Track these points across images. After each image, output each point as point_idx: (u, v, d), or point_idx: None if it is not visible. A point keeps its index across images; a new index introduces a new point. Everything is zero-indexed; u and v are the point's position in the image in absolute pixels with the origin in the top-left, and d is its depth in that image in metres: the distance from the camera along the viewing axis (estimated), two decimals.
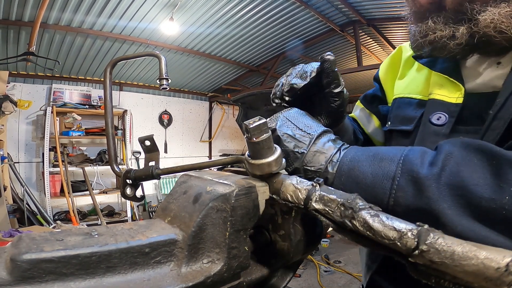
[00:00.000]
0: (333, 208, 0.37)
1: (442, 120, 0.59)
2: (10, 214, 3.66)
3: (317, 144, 0.47)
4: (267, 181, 0.44)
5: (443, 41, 0.55)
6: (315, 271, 3.82)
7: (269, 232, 0.48)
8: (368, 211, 0.34)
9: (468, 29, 0.53)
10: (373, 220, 0.33)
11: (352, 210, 0.35)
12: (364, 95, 0.91)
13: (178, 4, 3.70)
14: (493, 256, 0.27)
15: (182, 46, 4.85)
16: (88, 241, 0.33)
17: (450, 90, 0.61)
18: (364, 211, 0.35)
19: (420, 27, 0.59)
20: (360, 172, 0.42)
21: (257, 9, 4.12)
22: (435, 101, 0.62)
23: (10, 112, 3.84)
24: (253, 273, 0.45)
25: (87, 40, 4.23)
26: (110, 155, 0.61)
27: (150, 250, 0.35)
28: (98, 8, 3.63)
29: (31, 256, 0.28)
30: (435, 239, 0.29)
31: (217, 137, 7.21)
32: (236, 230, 0.38)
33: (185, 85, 6.38)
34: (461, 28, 0.54)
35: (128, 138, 5.38)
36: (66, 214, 4.72)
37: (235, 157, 0.48)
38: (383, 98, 0.83)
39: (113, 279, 0.32)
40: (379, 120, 0.85)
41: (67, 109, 4.79)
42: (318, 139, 0.47)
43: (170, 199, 0.45)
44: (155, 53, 0.61)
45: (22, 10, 3.40)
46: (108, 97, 0.61)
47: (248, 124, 0.40)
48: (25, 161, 4.78)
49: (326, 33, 5.02)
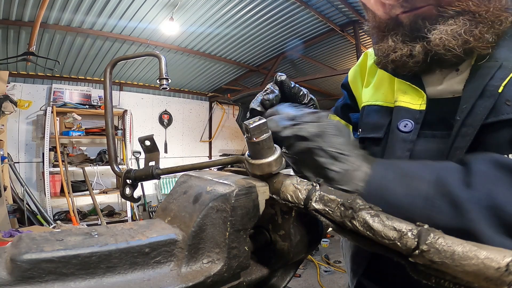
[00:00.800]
0: (333, 208, 0.37)
1: (408, 127, 0.61)
2: (10, 214, 3.66)
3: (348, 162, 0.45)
4: (267, 181, 0.44)
5: (404, 59, 0.59)
6: (315, 271, 3.82)
7: (269, 232, 0.48)
8: (368, 211, 0.34)
9: (423, 47, 0.56)
10: (373, 220, 0.33)
11: (352, 210, 0.35)
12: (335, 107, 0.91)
13: (178, 4, 3.70)
14: (494, 256, 0.27)
15: (182, 46, 4.85)
16: (88, 241, 0.33)
17: (413, 97, 0.63)
18: (364, 211, 0.35)
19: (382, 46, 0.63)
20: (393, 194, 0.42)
21: (257, 9, 4.12)
22: (400, 108, 0.65)
23: (10, 112, 3.85)
24: (253, 273, 0.45)
25: (87, 40, 4.23)
26: (110, 155, 0.61)
27: (150, 250, 0.35)
28: (98, 8, 3.63)
29: (31, 256, 0.28)
30: (435, 239, 0.29)
31: (217, 137, 7.20)
32: (236, 230, 0.38)
33: (185, 85, 6.38)
34: (417, 46, 0.57)
35: (128, 138, 5.38)
36: (66, 214, 4.72)
37: (235, 157, 0.48)
38: (353, 105, 0.84)
39: (113, 279, 0.32)
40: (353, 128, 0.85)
41: (67, 109, 4.80)
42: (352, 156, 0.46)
43: (170, 199, 0.45)
44: (155, 53, 0.61)
45: (22, 10, 3.40)
46: (108, 97, 0.61)
47: (248, 124, 0.40)
48: (25, 161, 4.78)
49: (326, 33, 5.02)
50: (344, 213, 0.36)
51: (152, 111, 6.13)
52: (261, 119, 0.40)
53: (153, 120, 6.13)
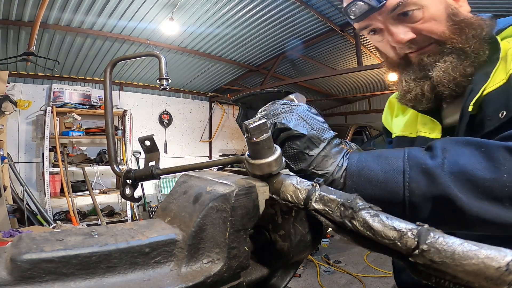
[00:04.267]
0: (333, 208, 0.37)
1: None
2: (10, 214, 3.66)
3: (327, 148, 0.48)
4: (267, 181, 0.44)
5: (418, 98, 0.70)
6: (315, 271, 3.82)
7: (269, 232, 0.48)
8: (368, 211, 0.34)
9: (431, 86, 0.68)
10: (373, 220, 0.33)
11: (352, 210, 0.35)
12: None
13: (178, 4, 3.70)
14: (494, 255, 0.27)
15: (182, 46, 4.85)
16: (88, 241, 0.33)
17: (432, 128, 0.74)
18: (364, 211, 0.35)
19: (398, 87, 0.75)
20: (370, 170, 0.45)
21: (257, 9, 4.12)
22: (421, 137, 0.76)
23: (10, 112, 3.84)
24: (253, 273, 0.45)
25: (87, 40, 4.23)
26: (110, 155, 0.61)
27: (150, 250, 0.35)
28: (98, 8, 3.63)
29: (31, 256, 0.28)
30: (435, 239, 0.29)
31: (217, 137, 7.20)
32: (236, 230, 0.38)
33: (185, 85, 6.37)
34: (426, 86, 0.68)
35: (128, 138, 5.37)
36: (66, 214, 4.71)
37: (235, 157, 0.48)
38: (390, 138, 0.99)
39: (113, 279, 0.32)
40: None
41: (67, 109, 4.79)
42: (330, 144, 0.49)
43: (170, 199, 0.45)
44: (155, 53, 0.61)
45: (22, 10, 3.40)
46: (108, 97, 0.61)
47: (248, 124, 0.40)
48: (25, 161, 4.77)
49: (326, 33, 5.02)
50: (344, 213, 0.36)
51: (152, 111, 6.12)
52: (261, 119, 0.40)
53: (153, 120, 6.13)
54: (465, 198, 0.38)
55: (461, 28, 0.65)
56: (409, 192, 0.41)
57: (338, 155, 0.48)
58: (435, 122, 0.73)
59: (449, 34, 0.65)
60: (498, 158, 0.38)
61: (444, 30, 0.65)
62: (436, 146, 0.44)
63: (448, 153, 0.42)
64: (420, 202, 0.41)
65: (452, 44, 0.65)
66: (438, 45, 0.67)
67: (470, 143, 0.42)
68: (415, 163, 0.43)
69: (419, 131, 0.77)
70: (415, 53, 0.69)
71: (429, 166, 0.41)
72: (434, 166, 0.41)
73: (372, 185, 0.44)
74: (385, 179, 0.44)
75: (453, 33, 0.65)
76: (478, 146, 0.41)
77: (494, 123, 0.57)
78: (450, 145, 0.43)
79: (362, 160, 0.47)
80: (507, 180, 0.36)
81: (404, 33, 0.66)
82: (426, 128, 0.75)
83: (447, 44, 0.65)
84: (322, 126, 0.50)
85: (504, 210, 0.36)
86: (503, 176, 0.36)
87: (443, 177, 0.39)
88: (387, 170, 0.44)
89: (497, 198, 0.36)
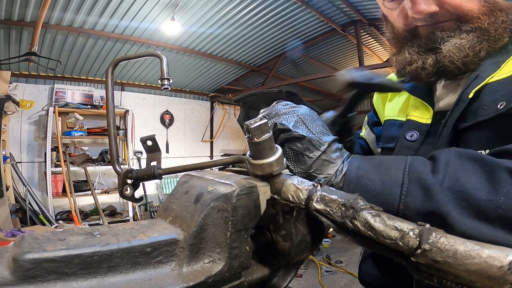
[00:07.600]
0: (334, 209, 0.37)
1: (414, 137, 0.71)
2: (12, 213, 3.67)
3: (327, 152, 0.48)
4: (268, 181, 0.44)
5: (418, 72, 0.67)
6: (317, 271, 3.81)
7: (270, 232, 0.48)
8: (369, 211, 0.34)
9: (434, 60, 0.64)
10: (375, 220, 0.33)
11: (354, 210, 0.35)
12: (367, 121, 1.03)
13: (180, 4, 3.70)
14: (496, 254, 0.27)
15: (184, 46, 4.85)
16: (90, 240, 0.33)
17: (423, 112, 0.72)
18: (365, 211, 0.34)
19: (399, 58, 0.71)
20: (369, 180, 0.45)
21: (258, 9, 4.12)
22: (410, 121, 0.74)
23: (12, 112, 3.85)
24: (254, 273, 0.45)
25: (89, 40, 4.24)
26: (112, 155, 0.61)
27: (152, 249, 0.35)
28: (100, 8, 3.63)
29: (33, 256, 0.29)
30: (437, 238, 0.29)
31: (218, 137, 7.20)
32: (237, 230, 0.38)
33: (186, 85, 6.38)
34: (429, 59, 0.64)
35: (130, 138, 5.38)
36: (68, 214, 4.72)
37: (236, 157, 0.48)
38: (378, 121, 0.97)
39: (115, 278, 0.32)
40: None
41: (69, 109, 4.81)
42: (330, 147, 0.49)
43: (172, 199, 0.45)
44: (157, 53, 0.61)
45: (24, 10, 3.41)
46: (110, 97, 0.61)
47: (249, 124, 0.40)
48: (27, 161, 4.79)
49: (328, 33, 5.01)
50: (345, 213, 0.36)
51: (154, 111, 6.13)
52: (262, 120, 0.40)
53: (154, 120, 6.14)
54: (457, 216, 0.37)
55: (492, 10, 0.62)
56: (403, 205, 0.41)
57: (339, 159, 0.48)
58: (427, 107, 0.71)
59: (477, 13, 0.61)
60: (499, 180, 0.37)
61: (472, 8, 0.61)
62: (439, 160, 0.43)
63: (450, 167, 0.41)
64: (412, 216, 0.41)
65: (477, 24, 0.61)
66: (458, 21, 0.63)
67: (475, 159, 0.41)
68: (415, 177, 0.42)
69: (409, 114, 0.75)
70: (427, 26, 0.65)
71: (429, 182, 0.40)
72: (433, 183, 0.40)
73: (369, 195, 0.44)
74: (382, 190, 0.43)
75: (482, 13, 0.61)
76: (483, 164, 0.40)
77: (489, 113, 0.56)
78: (454, 159, 0.42)
79: (362, 167, 0.47)
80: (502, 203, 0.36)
81: (428, 4, 0.62)
82: (417, 112, 0.73)
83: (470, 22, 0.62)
84: (321, 130, 0.50)
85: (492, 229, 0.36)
86: (500, 198, 0.36)
87: (440, 195, 0.39)
88: (385, 181, 0.44)
89: (489, 218, 0.36)
